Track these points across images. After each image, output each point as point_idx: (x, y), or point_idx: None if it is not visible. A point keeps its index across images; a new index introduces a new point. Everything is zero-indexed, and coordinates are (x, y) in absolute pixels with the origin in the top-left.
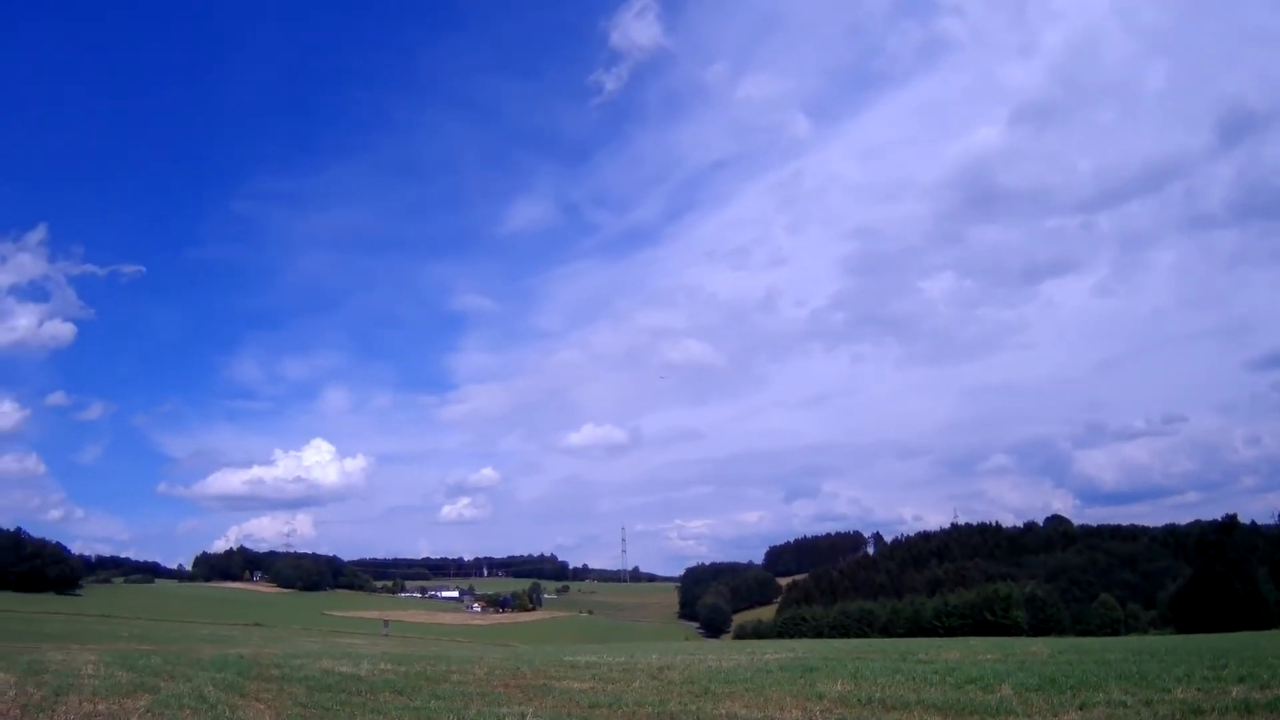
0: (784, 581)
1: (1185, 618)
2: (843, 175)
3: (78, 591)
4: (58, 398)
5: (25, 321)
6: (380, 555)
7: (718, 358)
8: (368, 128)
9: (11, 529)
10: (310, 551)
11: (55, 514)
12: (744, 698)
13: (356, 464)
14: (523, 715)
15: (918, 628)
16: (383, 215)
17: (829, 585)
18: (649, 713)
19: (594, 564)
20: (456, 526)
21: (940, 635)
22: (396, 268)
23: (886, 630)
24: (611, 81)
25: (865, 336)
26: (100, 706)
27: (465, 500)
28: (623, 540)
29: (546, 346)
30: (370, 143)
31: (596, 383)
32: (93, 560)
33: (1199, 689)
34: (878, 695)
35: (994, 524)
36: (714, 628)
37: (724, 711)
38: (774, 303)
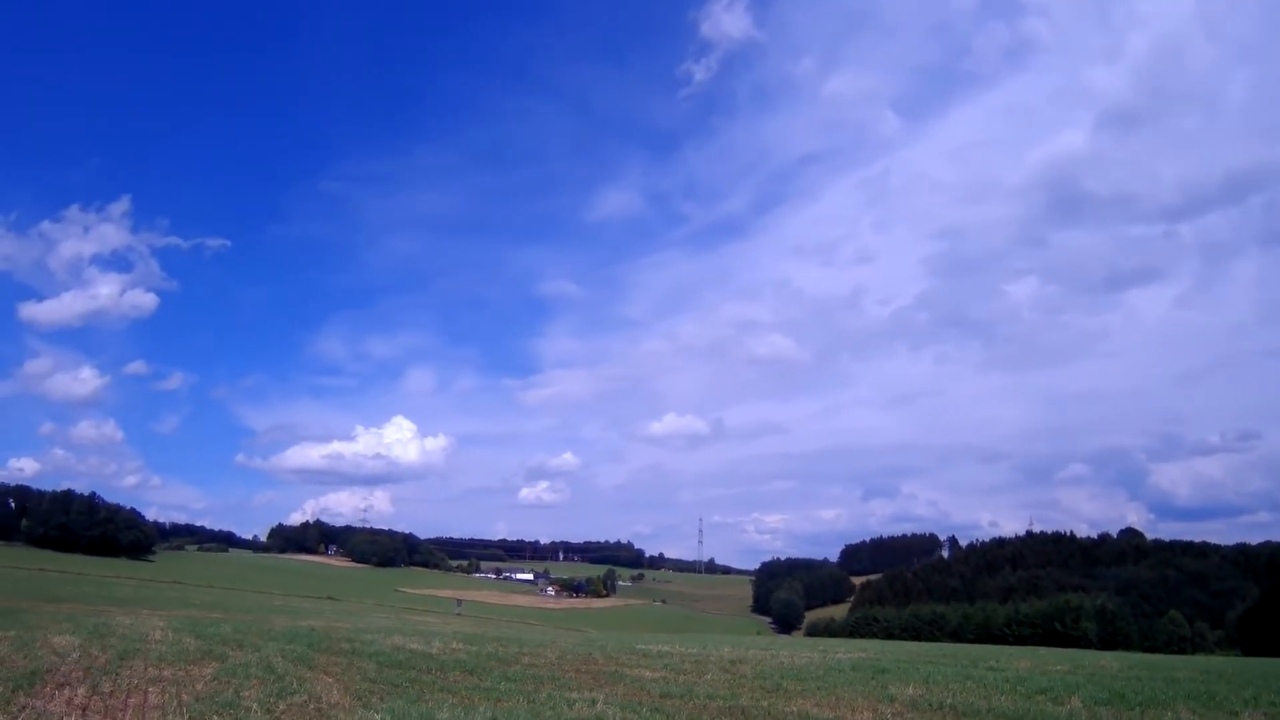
0: (858, 580)
1: (1252, 639)
2: (930, 174)
3: (150, 557)
4: (137, 366)
5: (107, 290)
6: (457, 535)
7: (802, 353)
8: (455, 112)
9: (86, 494)
10: (387, 528)
11: (131, 480)
12: (815, 696)
13: (437, 443)
14: (593, 701)
15: (988, 634)
16: (469, 199)
17: (902, 586)
18: (720, 706)
19: (670, 553)
20: (535, 510)
21: (1010, 643)
22: (484, 251)
23: (957, 635)
24: (701, 72)
25: (948, 338)
26: (165, 672)
27: (544, 484)
28: (699, 531)
29: (632, 335)
30: (458, 127)
31: (680, 373)
32: (167, 527)
33: (1265, 713)
34: (949, 701)
35: (1069, 534)
36: (786, 623)
37: (795, 709)
38: (859, 300)
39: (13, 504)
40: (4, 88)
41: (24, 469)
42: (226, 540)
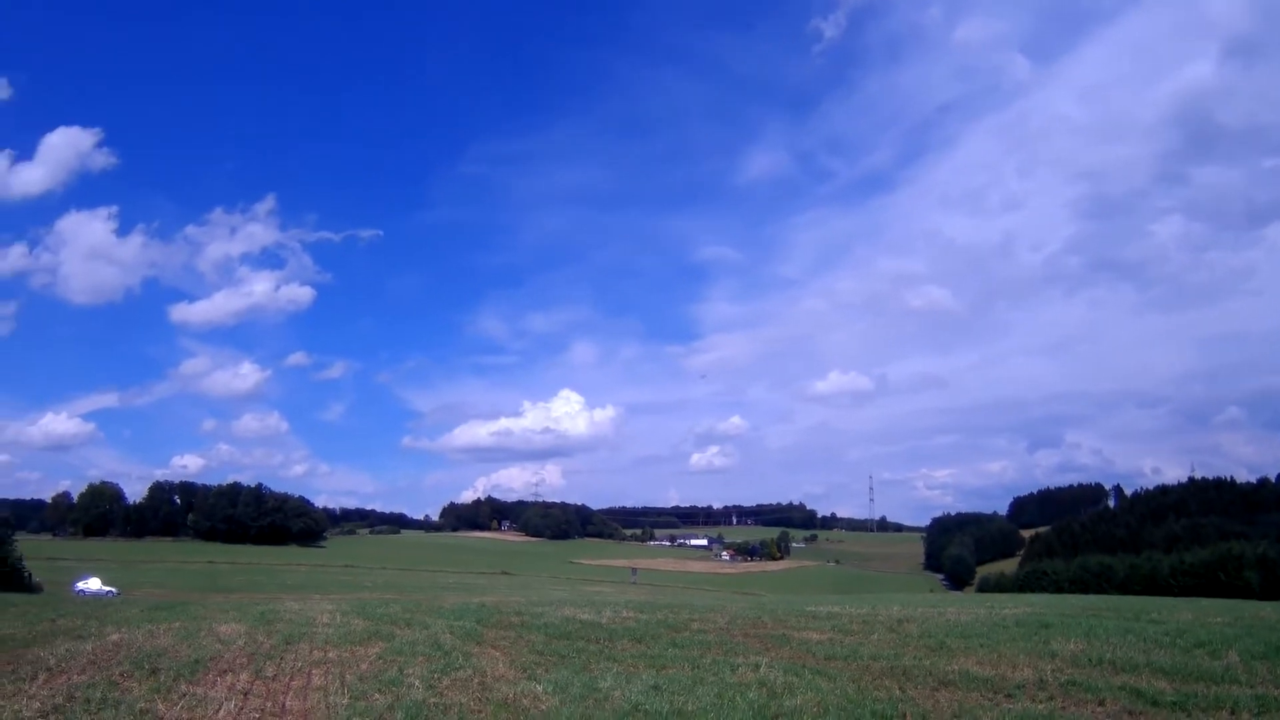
0: (1027, 533)
1: None
2: (1066, 116)
3: (321, 544)
4: (298, 358)
5: (261, 287)
6: (630, 504)
7: (958, 304)
8: (590, 87)
9: (252, 485)
10: (559, 501)
11: (299, 469)
12: (978, 654)
13: (605, 414)
14: (757, 665)
15: (1153, 585)
16: (613, 171)
17: (1070, 538)
18: (883, 666)
19: (842, 513)
20: (706, 475)
21: (1174, 594)
22: (634, 221)
23: (1124, 587)
24: (830, 28)
25: (1101, 282)
26: (331, 654)
27: (714, 449)
28: (870, 489)
29: (790, 295)
30: (594, 101)
31: (840, 330)
32: (338, 513)
33: None
34: (1109, 656)
35: (1229, 479)
36: (958, 579)
37: (957, 668)
38: (1010, 247)
39: (178, 500)
40: (137, 99)
41: (188, 466)
42: (398, 522)
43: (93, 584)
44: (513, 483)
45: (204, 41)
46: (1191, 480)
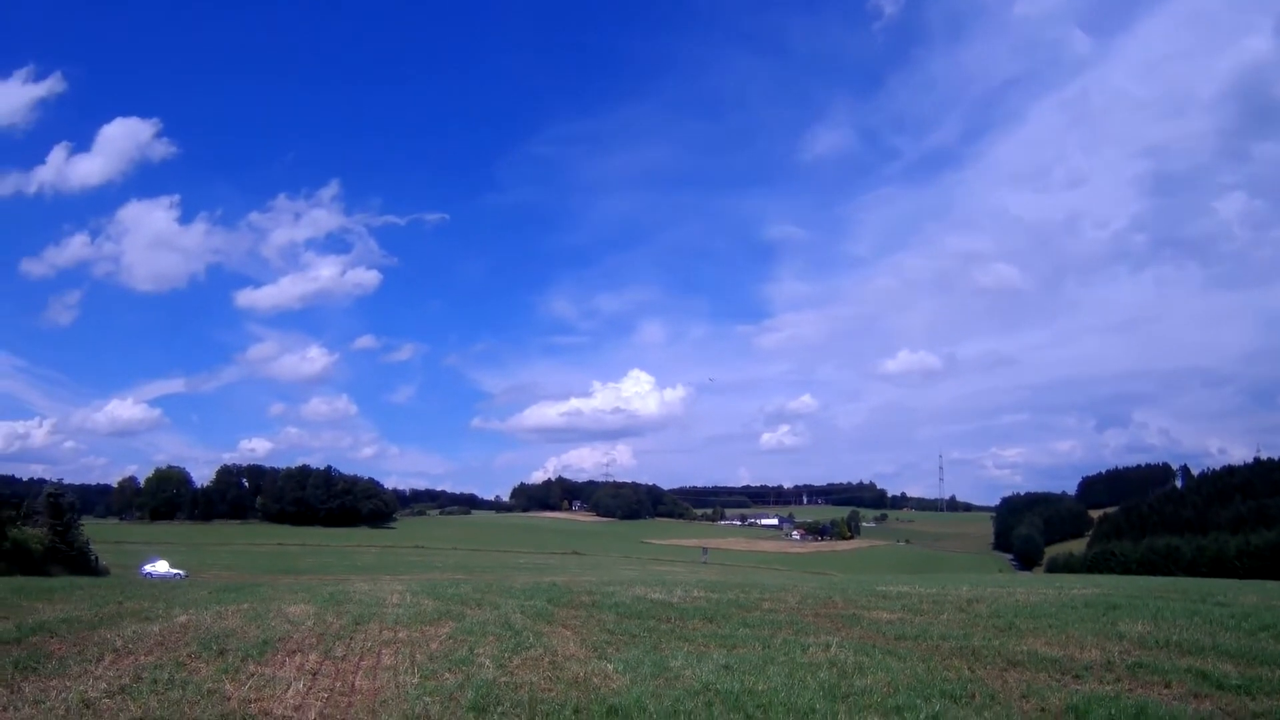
0: (1095, 514)
1: None
2: (1126, 92)
3: (391, 525)
4: (366, 341)
5: (327, 272)
6: (700, 484)
7: (1026, 281)
8: (655, 68)
9: (322, 468)
10: (630, 481)
11: (368, 452)
12: (1046, 635)
13: (676, 394)
14: (827, 645)
15: (1220, 567)
16: (679, 152)
17: (1138, 519)
18: (952, 647)
19: (912, 492)
20: (776, 454)
21: (1240, 576)
22: (702, 201)
23: (1190, 568)
24: (890, 4)
25: (1166, 259)
26: (401, 634)
27: (785, 428)
28: (940, 469)
29: (859, 273)
30: (659, 82)
31: (909, 308)
32: (408, 495)
33: None
34: (1175, 638)
35: None
36: (1027, 559)
37: (1025, 648)
38: (1076, 225)
39: (246, 484)
40: (195, 89)
41: (256, 449)
42: (469, 503)
43: (160, 566)
44: (583, 463)
45: (263, 28)
46: (1258, 461)
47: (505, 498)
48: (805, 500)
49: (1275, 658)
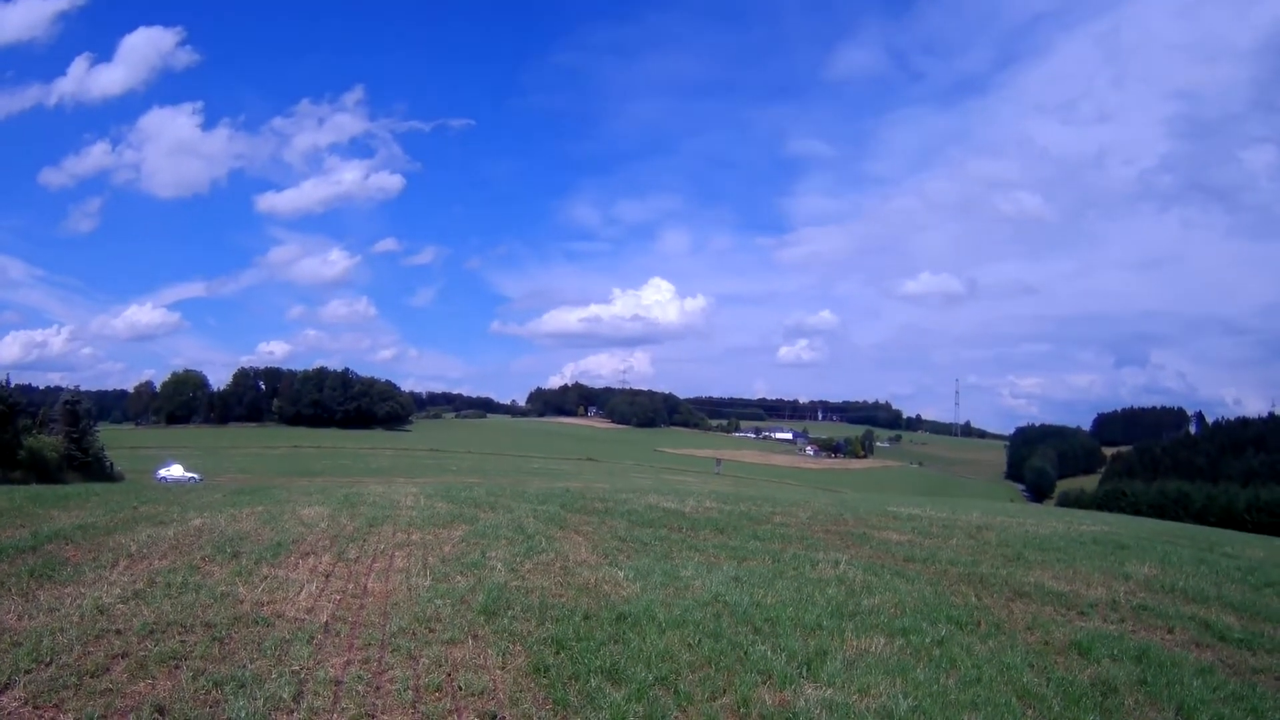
0: (1109, 451)
1: None
2: (1160, 33)
3: (408, 427)
4: (388, 244)
5: (350, 176)
6: (717, 394)
7: (1050, 212)
8: None
9: (339, 370)
10: (646, 389)
11: (386, 354)
12: (1054, 568)
13: (696, 304)
14: (836, 562)
15: (1229, 518)
16: (706, 61)
17: (1151, 461)
18: (960, 572)
19: (927, 415)
20: (794, 369)
21: (1247, 529)
22: (727, 112)
23: (1200, 516)
24: None
25: (1193, 202)
26: (414, 536)
27: (803, 342)
28: (956, 393)
29: (883, 192)
30: None
31: (933, 230)
32: (424, 397)
33: None
34: (1180, 584)
35: None
36: (1038, 491)
37: (1033, 580)
38: (1103, 160)
39: (263, 386)
40: None
41: (274, 352)
42: (485, 406)
43: (175, 471)
44: (601, 369)
45: None
46: (1272, 415)
47: (522, 402)
48: (820, 416)
49: (1278, 615)
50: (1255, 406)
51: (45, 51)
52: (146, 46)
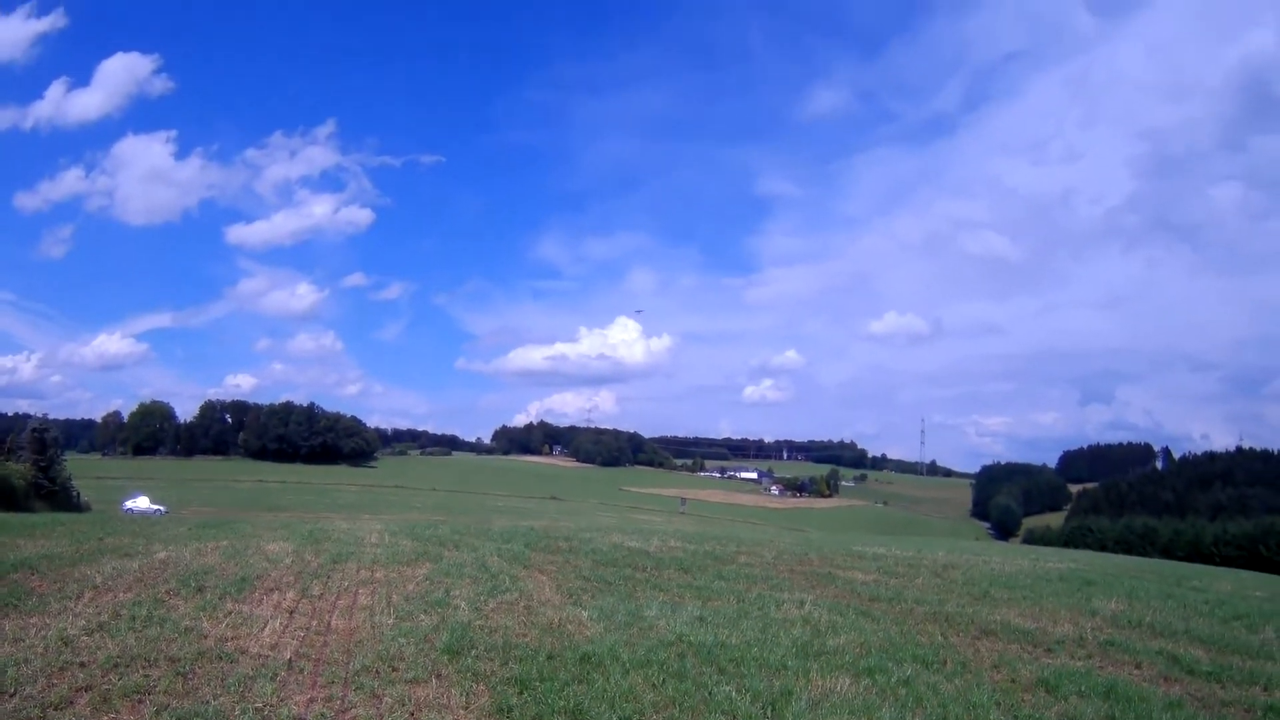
0: (1075, 488)
1: None
2: (1129, 73)
3: (373, 464)
4: (356, 279)
5: (320, 209)
6: (682, 434)
7: (1017, 251)
8: (655, 13)
9: (305, 404)
10: (612, 428)
11: (353, 389)
12: (1020, 606)
13: (662, 343)
14: (801, 602)
15: (1196, 552)
16: (677, 100)
17: (1117, 497)
18: (926, 612)
19: (893, 453)
20: (759, 408)
21: (1215, 563)
22: (697, 151)
23: (1167, 551)
24: None
25: (1158, 241)
26: (378, 574)
27: (768, 382)
28: (922, 432)
29: (850, 232)
30: (659, 28)
31: (899, 270)
32: (389, 434)
33: None
34: (1148, 619)
35: (1277, 452)
36: (1004, 529)
37: (999, 618)
38: (1070, 199)
39: (229, 419)
40: (194, 26)
41: (241, 385)
42: (450, 444)
43: (141, 502)
44: (566, 408)
45: None
46: (1239, 450)
47: (487, 440)
48: (786, 455)
49: (1247, 647)
50: (1223, 442)
51: (23, 73)
52: (123, 73)
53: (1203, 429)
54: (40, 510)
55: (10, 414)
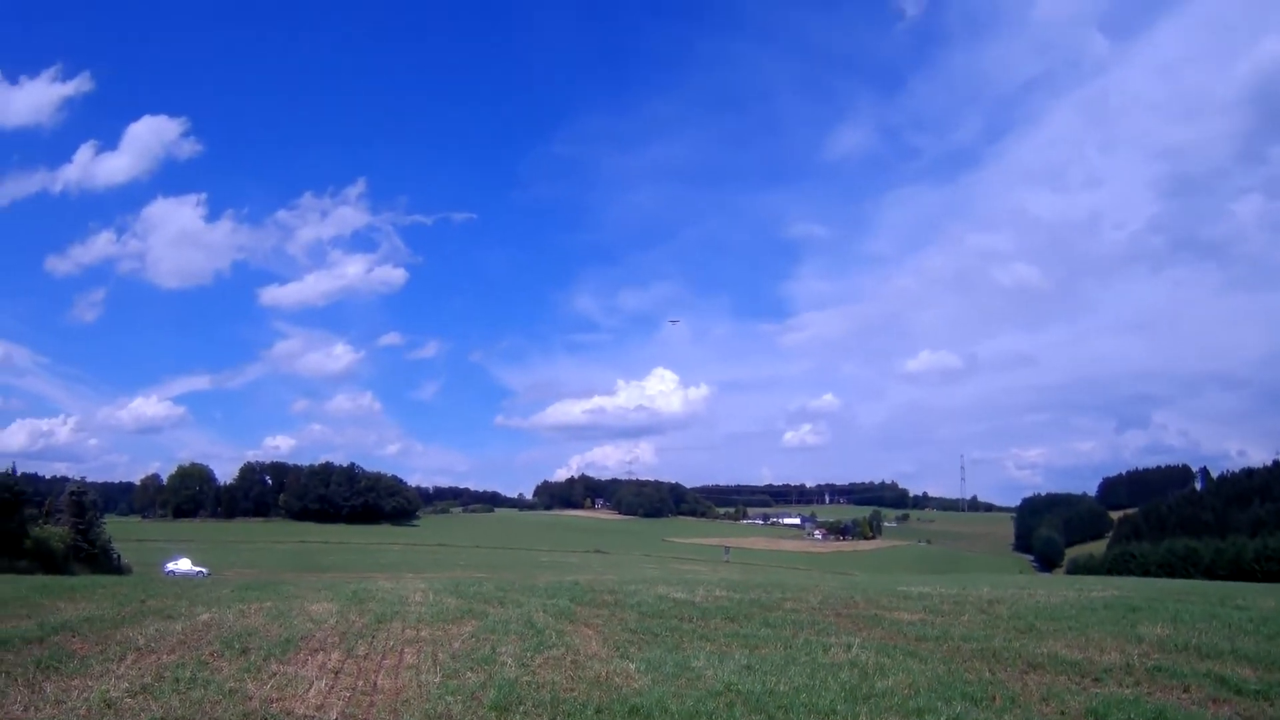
0: (1115, 515)
1: None
2: (1144, 94)
3: (415, 522)
4: (391, 338)
5: (353, 269)
6: (723, 482)
7: (1045, 281)
8: (677, 63)
9: (345, 465)
10: (652, 479)
11: (392, 449)
12: (1066, 637)
13: (699, 392)
14: (849, 646)
15: (1238, 570)
16: (702, 148)
17: (1158, 521)
18: (973, 648)
19: (934, 491)
20: (799, 453)
21: (1258, 579)
22: (724, 198)
23: (1210, 571)
24: (911, 5)
25: (1184, 261)
26: (424, 632)
27: (807, 426)
28: (961, 469)
29: (880, 272)
30: (682, 78)
31: (931, 307)
32: (430, 492)
33: None
34: (1194, 642)
35: None
36: (1047, 561)
37: (1046, 650)
38: (1095, 225)
39: (269, 481)
40: (222, 88)
41: (279, 447)
42: (492, 500)
43: (182, 564)
44: (606, 461)
45: (289, 28)
46: (1276, 464)
47: (528, 495)
48: (827, 499)
49: None
50: (1260, 457)
51: (52, 137)
52: (151, 136)
53: (1239, 446)
54: (80, 573)
55: (48, 477)
